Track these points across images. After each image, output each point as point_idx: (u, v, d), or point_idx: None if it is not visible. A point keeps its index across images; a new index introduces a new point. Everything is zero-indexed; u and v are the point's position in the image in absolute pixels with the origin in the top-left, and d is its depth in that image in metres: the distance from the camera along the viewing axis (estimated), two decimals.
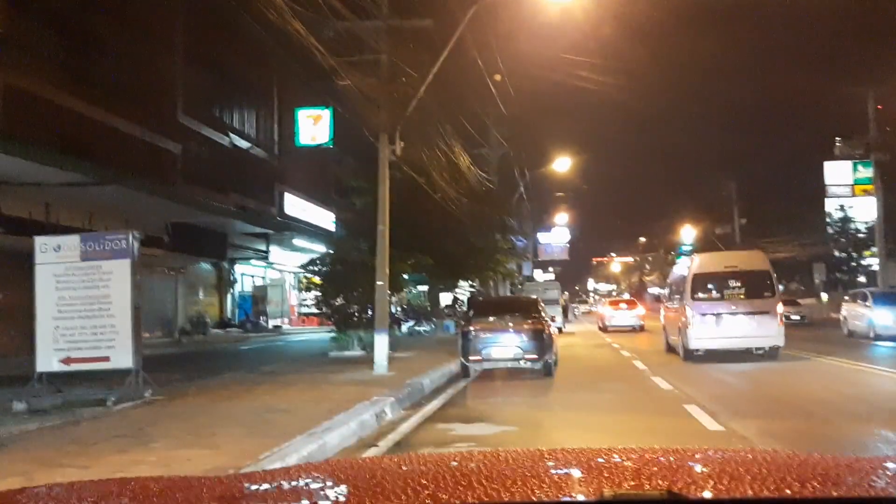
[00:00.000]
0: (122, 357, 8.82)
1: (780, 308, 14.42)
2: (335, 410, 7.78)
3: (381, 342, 12.02)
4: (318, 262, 16.96)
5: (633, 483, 1.46)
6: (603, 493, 1.35)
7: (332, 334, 16.27)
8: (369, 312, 14.74)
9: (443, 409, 9.00)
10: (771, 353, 14.30)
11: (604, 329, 28.93)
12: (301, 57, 14.59)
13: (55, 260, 8.91)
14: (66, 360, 8.88)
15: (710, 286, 14.74)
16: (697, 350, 14.33)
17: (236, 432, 6.70)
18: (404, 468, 1.74)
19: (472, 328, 12.20)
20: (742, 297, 14.45)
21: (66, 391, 9.31)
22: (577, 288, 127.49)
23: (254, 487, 1.60)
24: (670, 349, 16.48)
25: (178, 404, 8.60)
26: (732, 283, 14.62)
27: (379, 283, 12.26)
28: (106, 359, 8.86)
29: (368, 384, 10.31)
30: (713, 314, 14.23)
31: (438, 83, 16.79)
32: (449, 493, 1.39)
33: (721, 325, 14.15)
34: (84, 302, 8.86)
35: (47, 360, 8.85)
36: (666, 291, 21.64)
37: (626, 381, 11.54)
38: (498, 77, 30.24)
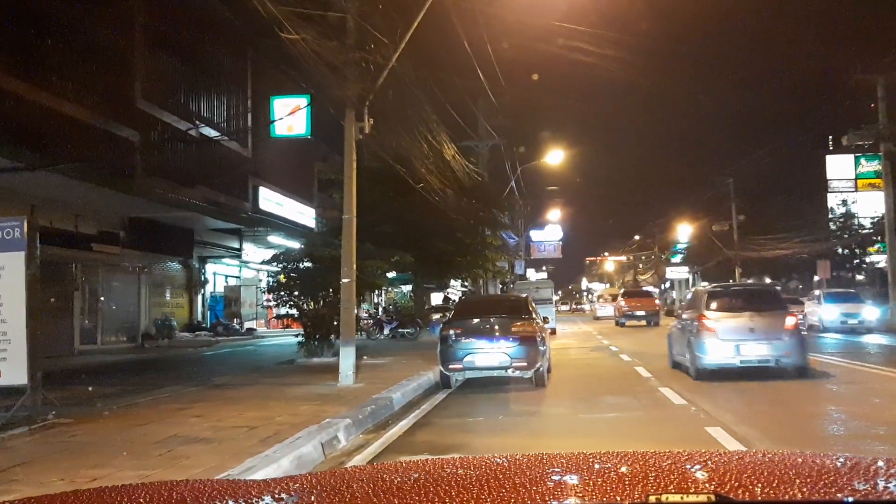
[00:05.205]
0: (15, 372, 7.13)
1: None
2: (270, 440, 6.15)
3: (347, 350, 10.38)
4: (281, 257, 15.23)
5: (677, 486, 1.37)
6: (648, 498, 1.26)
7: (300, 339, 14.63)
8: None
9: (411, 433, 7.36)
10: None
11: None
12: (277, 41, 12.97)
13: None
14: None
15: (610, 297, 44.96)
16: (600, 317, 41.98)
17: (126, 476, 5.06)
18: (425, 473, 1.64)
19: (452, 332, 10.55)
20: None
21: None
22: (570, 287, 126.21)
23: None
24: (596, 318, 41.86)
25: (80, 430, 6.94)
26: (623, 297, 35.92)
27: (345, 280, 10.59)
28: None
29: (327, 400, 8.69)
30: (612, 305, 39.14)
31: (419, 61, 15.23)
32: (493, 497, 1.33)
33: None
34: None
35: None
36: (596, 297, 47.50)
37: (630, 393, 9.91)
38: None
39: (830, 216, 42.54)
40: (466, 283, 32.21)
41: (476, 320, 10.80)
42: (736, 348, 11.01)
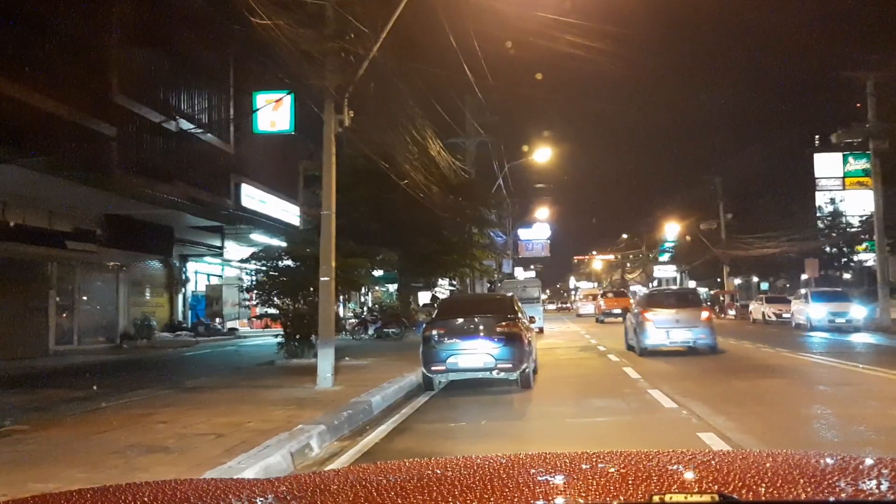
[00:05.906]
0: None
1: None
2: (236, 449, 5.77)
3: (326, 351, 9.99)
4: (261, 254, 14.81)
5: (680, 486, 1.40)
6: (651, 497, 1.25)
7: (280, 339, 14.22)
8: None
9: (389, 440, 6.99)
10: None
11: None
12: (258, 33, 12.56)
13: None
14: None
15: (591, 297, 48.87)
16: (582, 315, 45.51)
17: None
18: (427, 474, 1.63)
19: (434, 332, 10.19)
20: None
21: None
22: (558, 286, 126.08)
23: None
24: (578, 315, 46.95)
25: (36, 438, 6.53)
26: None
27: (323, 279, 10.19)
28: None
29: (303, 404, 8.30)
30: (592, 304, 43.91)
31: (404, 55, 14.83)
32: (497, 496, 1.34)
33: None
34: None
35: None
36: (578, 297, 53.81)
37: (620, 395, 9.58)
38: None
39: (818, 215, 42.46)
40: (454, 282, 31.87)
41: (460, 320, 10.44)
42: (667, 333, 15.20)
